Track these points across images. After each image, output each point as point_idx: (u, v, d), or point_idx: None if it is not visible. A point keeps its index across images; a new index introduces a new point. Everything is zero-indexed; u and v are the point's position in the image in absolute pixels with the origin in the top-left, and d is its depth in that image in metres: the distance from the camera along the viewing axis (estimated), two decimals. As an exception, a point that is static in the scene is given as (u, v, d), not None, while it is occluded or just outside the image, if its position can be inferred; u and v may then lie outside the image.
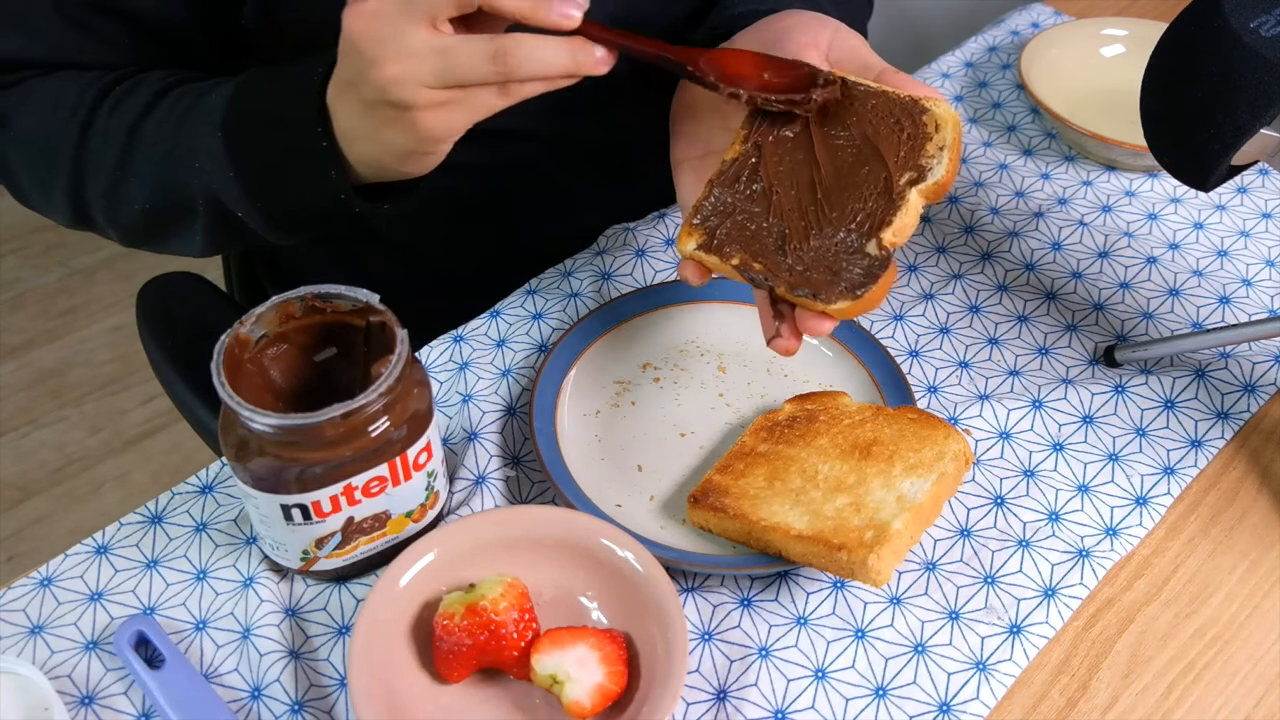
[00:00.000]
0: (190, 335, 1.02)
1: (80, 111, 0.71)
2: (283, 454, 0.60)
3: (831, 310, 0.60)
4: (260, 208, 0.67)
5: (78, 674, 0.64)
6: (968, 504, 0.73)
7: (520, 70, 0.56)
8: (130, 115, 0.70)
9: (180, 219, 0.71)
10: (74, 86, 0.72)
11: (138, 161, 0.70)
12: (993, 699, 0.64)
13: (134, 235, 0.75)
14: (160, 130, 0.69)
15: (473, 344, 0.81)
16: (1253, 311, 0.85)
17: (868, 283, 0.60)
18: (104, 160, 0.71)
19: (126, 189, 0.71)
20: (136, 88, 0.71)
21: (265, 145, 0.66)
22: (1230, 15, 0.62)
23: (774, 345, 0.64)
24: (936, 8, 1.61)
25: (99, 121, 0.71)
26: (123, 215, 0.73)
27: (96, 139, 0.71)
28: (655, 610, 0.62)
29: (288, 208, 0.68)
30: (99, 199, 0.72)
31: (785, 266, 0.61)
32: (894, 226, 0.60)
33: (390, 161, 0.63)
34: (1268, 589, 0.70)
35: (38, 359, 1.96)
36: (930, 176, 0.61)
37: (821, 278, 0.60)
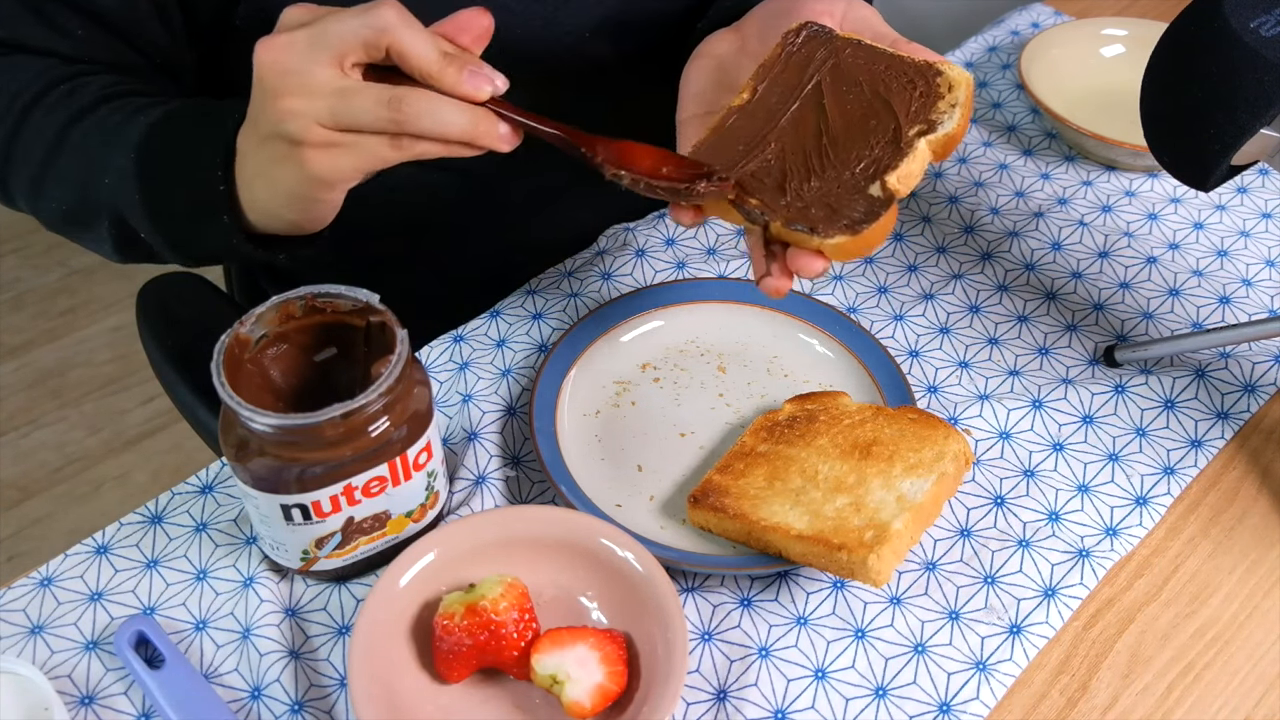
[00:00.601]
0: (190, 335, 1.02)
1: (19, 102, 0.71)
2: (283, 454, 0.60)
3: (826, 246, 0.59)
4: (162, 235, 0.68)
5: (78, 674, 0.64)
6: (968, 504, 0.73)
7: (414, 123, 0.56)
8: (64, 117, 0.71)
9: (92, 227, 0.72)
10: (24, 74, 0.72)
11: (60, 164, 0.71)
12: (993, 699, 0.64)
13: (54, 226, 0.76)
14: (87, 139, 0.70)
15: (473, 344, 0.81)
16: (1253, 311, 0.85)
17: (867, 220, 0.58)
18: (32, 155, 0.71)
19: (48, 187, 0.72)
20: (78, 91, 0.72)
21: (168, 178, 0.66)
22: (1230, 15, 0.62)
23: (764, 284, 0.63)
24: (936, 8, 1.61)
25: (34, 117, 0.71)
26: (42, 209, 0.74)
27: (29, 132, 0.71)
28: (655, 610, 0.62)
29: (186, 240, 0.69)
30: (23, 188, 0.74)
31: (783, 204, 0.60)
32: (899, 171, 0.59)
33: (281, 207, 0.63)
34: (1268, 589, 0.70)
35: (38, 359, 1.97)
36: (940, 129, 0.60)
37: (820, 214, 0.59)
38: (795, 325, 0.81)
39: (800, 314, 0.81)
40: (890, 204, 0.59)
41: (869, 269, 0.87)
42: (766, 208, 0.60)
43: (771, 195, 0.61)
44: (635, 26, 0.86)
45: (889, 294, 0.86)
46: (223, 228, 0.65)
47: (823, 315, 0.81)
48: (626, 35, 0.86)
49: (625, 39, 0.86)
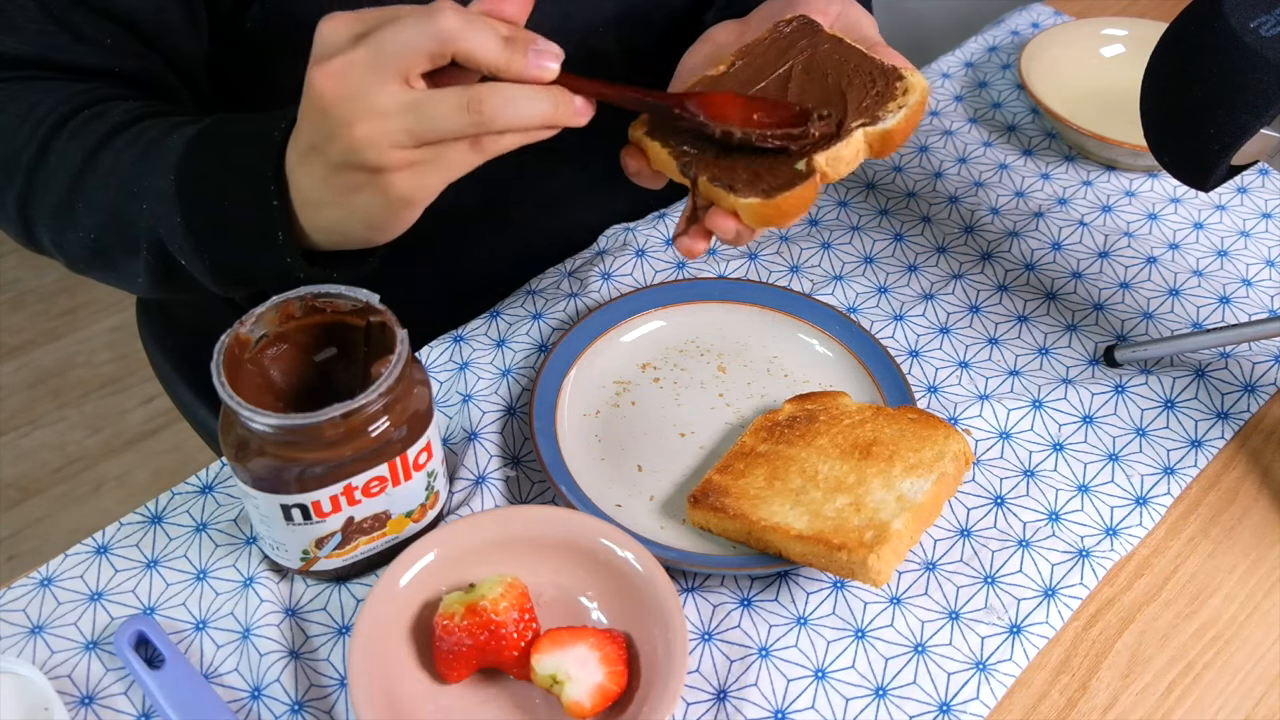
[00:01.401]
0: (190, 335, 1.02)
1: (44, 127, 0.68)
2: (283, 454, 0.60)
3: (740, 206, 0.60)
4: (204, 260, 0.64)
5: (78, 674, 0.64)
6: (968, 504, 0.73)
7: (496, 120, 0.55)
8: (90, 141, 0.67)
9: (123, 256, 0.68)
10: (49, 99, 0.69)
11: (89, 189, 0.67)
12: (993, 699, 0.64)
13: (78, 264, 0.72)
14: (118, 162, 0.66)
15: (473, 344, 0.81)
16: (1253, 311, 0.85)
17: (783, 189, 0.60)
18: (56, 182, 0.68)
19: (74, 215, 0.68)
20: (104, 114, 0.69)
21: (215, 199, 0.63)
22: (1230, 15, 0.62)
23: (678, 243, 0.64)
24: (936, 8, 1.61)
25: (58, 142, 0.68)
26: (68, 241, 0.70)
27: (53, 158, 0.68)
28: (655, 610, 0.62)
29: (231, 264, 0.65)
30: (46, 220, 0.70)
31: (715, 164, 0.62)
32: (829, 153, 0.61)
33: (357, 229, 0.61)
34: (1268, 589, 0.70)
35: (38, 359, 1.97)
36: (880, 124, 0.62)
37: (743, 176, 0.61)
38: (795, 325, 0.81)
39: (800, 314, 0.81)
40: (809, 179, 0.60)
41: (869, 269, 0.87)
42: (699, 163, 0.62)
43: (708, 154, 0.63)
44: (645, 22, 0.86)
45: (889, 294, 0.86)
46: (277, 248, 0.62)
47: (823, 315, 0.81)
48: (636, 30, 0.86)
49: (634, 34, 0.86)
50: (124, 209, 0.66)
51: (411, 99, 0.54)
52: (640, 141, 0.65)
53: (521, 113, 0.55)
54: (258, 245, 0.62)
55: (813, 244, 0.89)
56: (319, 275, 0.64)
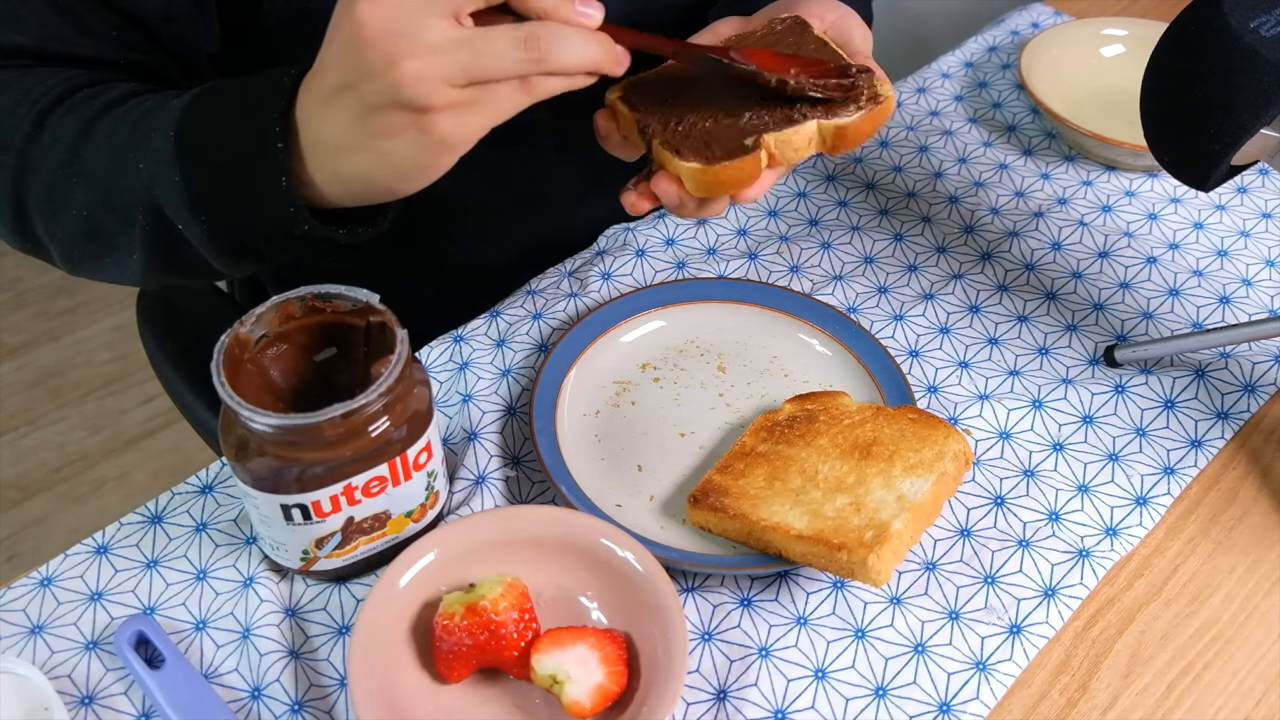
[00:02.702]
0: (190, 335, 1.02)
1: (39, 106, 0.67)
2: (283, 454, 0.60)
3: (682, 170, 0.62)
4: (203, 221, 0.62)
5: (78, 674, 0.64)
6: (968, 504, 0.73)
7: (550, 59, 0.54)
8: (87, 114, 0.66)
9: (119, 232, 0.66)
10: (46, 83, 0.68)
11: (85, 161, 0.65)
12: (993, 699, 0.64)
13: (72, 251, 0.69)
14: (115, 130, 0.65)
15: (473, 344, 0.81)
16: (1253, 311, 0.85)
17: (725, 159, 0.62)
18: (50, 158, 0.66)
19: (68, 191, 0.66)
20: (102, 91, 0.68)
21: (216, 150, 0.60)
22: (1230, 15, 0.62)
23: (623, 198, 0.66)
24: (936, 8, 1.61)
25: (54, 119, 0.67)
26: (61, 225, 0.68)
27: (47, 136, 0.67)
28: (655, 610, 0.62)
29: (232, 222, 0.62)
30: (40, 203, 0.68)
31: (671, 130, 0.64)
32: (779, 135, 0.62)
33: (386, 176, 0.58)
34: (1268, 589, 0.70)
35: (38, 359, 1.97)
36: (836, 119, 0.63)
37: (693, 145, 0.63)
38: (795, 325, 0.81)
39: (800, 314, 0.81)
40: (752, 154, 0.62)
41: (869, 269, 0.87)
42: (655, 128, 0.64)
43: (668, 120, 0.64)
44: (653, 21, 0.86)
45: (889, 294, 0.86)
46: (279, 195, 0.59)
47: (823, 315, 0.81)
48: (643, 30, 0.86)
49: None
50: (120, 177, 0.64)
51: (465, 35, 0.53)
52: (614, 105, 0.66)
53: (575, 53, 0.55)
54: (259, 196, 0.60)
55: (813, 244, 0.89)
56: (323, 232, 0.62)
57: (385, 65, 0.53)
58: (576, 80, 0.57)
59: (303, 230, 0.61)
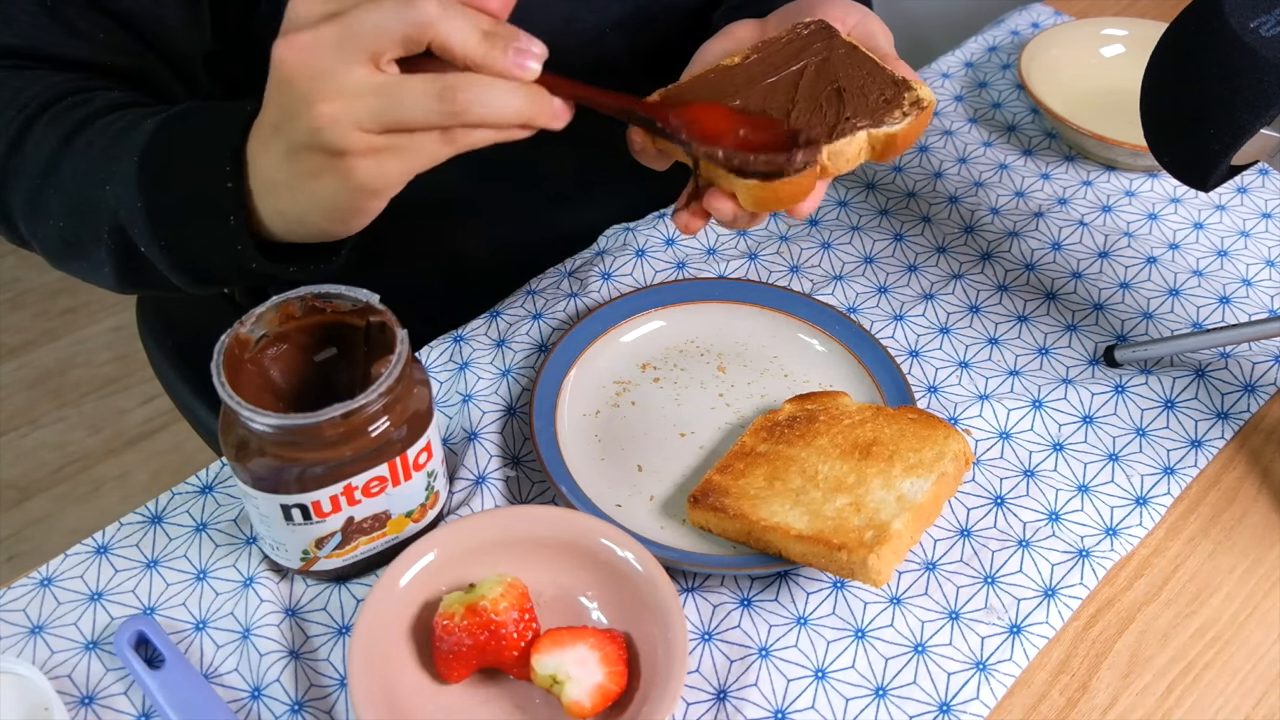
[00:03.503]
0: (190, 335, 1.02)
1: (25, 112, 0.67)
2: (283, 454, 0.60)
3: (738, 187, 0.60)
4: (160, 245, 0.62)
5: (78, 674, 0.64)
6: (968, 504, 0.73)
7: (469, 113, 0.52)
8: (67, 126, 0.66)
9: (89, 245, 0.66)
10: (35, 86, 0.68)
11: (62, 174, 0.65)
12: (993, 699, 0.64)
13: (50, 254, 0.70)
14: (90, 146, 0.64)
15: (473, 344, 0.81)
16: (1253, 311, 0.85)
17: (777, 175, 0.60)
18: (30, 168, 0.66)
19: (46, 201, 0.66)
20: (86, 101, 0.67)
21: (174, 179, 0.60)
22: (1230, 15, 0.62)
23: (675, 218, 0.64)
24: (936, 8, 1.61)
25: (37, 127, 0.67)
26: (40, 230, 0.68)
27: (30, 143, 0.67)
28: (655, 610, 0.62)
29: (186, 250, 0.62)
30: (22, 207, 0.68)
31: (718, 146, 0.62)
32: (831, 147, 0.61)
33: (315, 218, 0.58)
34: (1268, 589, 0.70)
35: (38, 359, 1.97)
36: (884, 128, 0.62)
37: (742, 159, 0.61)
38: (795, 325, 0.81)
39: (800, 314, 0.81)
40: (805, 169, 0.60)
41: (869, 269, 0.87)
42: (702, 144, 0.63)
43: None
44: (652, 23, 0.86)
45: (889, 294, 0.86)
46: (229, 232, 0.59)
47: (823, 315, 0.81)
48: (643, 32, 0.86)
49: (641, 35, 0.86)
50: (90, 195, 0.64)
51: (381, 82, 0.52)
52: None
53: (496, 108, 0.52)
54: (211, 230, 0.60)
55: (813, 244, 0.89)
56: (272, 269, 0.61)
57: (303, 106, 0.52)
58: (507, 133, 0.54)
59: (249, 267, 0.61)
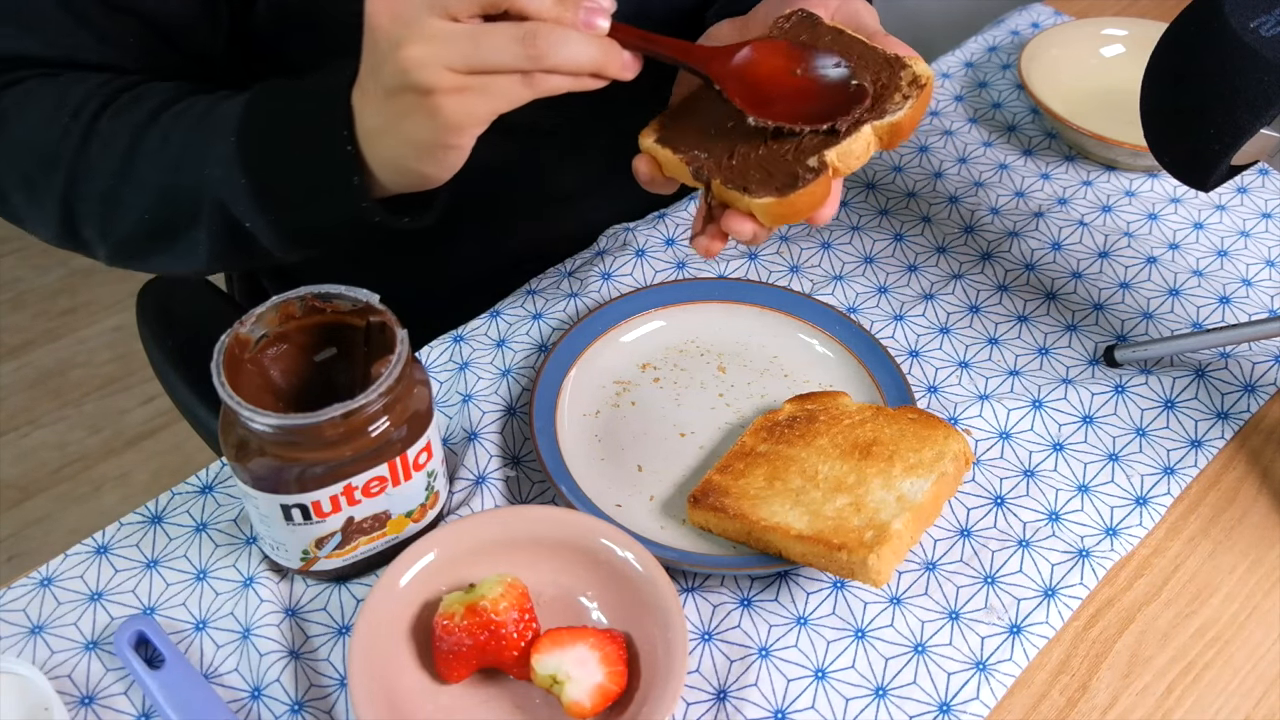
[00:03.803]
0: (190, 335, 1.02)
1: (83, 115, 0.69)
2: (283, 454, 0.60)
3: (755, 206, 0.61)
4: (271, 218, 0.65)
5: (78, 674, 0.64)
6: (968, 504, 0.73)
7: (547, 58, 0.56)
8: (137, 119, 0.68)
9: (182, 230, 0.69)
10: (79, 89, 0.70)
11: (140, 168, 0.68)
12: (993, 699, 0.64)
13: (126, 249, 0.72)
14: (168, 137, 0.67)
15: (473, 344, 0.81)
16: (1253, 311, 0.85)
17: (795, 186, 0.60)
18: (104, 166, 0.69)
19: (125, 196, 0.69)
20: (144, 95, 0.69)
21: (282, 151, 0.64)
22: (1230, 15, 0.62)
23: (695, 243, 0.65)
24: (936, 8, 1.61)
25: (102, 126, 0.69)
26: (118, 226, 0.70)
27: (96, 144, 0.69)
28: (655, 610, 0.62)
29: (301, 218, 0.65)
30: (94, 207, 0.70)
31: (727, 166, 0.63)
32: (839, 148, 0.61)
33: (411, 160, 0.61)
34: (1268, 589, 0.70)
35: (38, 359, 1.97)
36: (888, 116, 0.62)
37: (756, 176, 0.62)
38: (795, 325, 0.81)
39: (800, 314, 0.81)
40: (821, 174, 0.61)
41: (869, 269, 0.87)
42: (710, 167, 0.63)
43: (719, 157, 0.63)
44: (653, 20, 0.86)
45: (889, 294, 0.86)
46: (350, 192, 0.62)
47: (823, 315, 0.81)
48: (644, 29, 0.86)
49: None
50: (181, 183, 0.67)
51: (465, 28, 0.55)
52: (651, 150, 0.65)
53: (572, 55, 0.56)
54: (328, 193, 0.63)
55: (813, 244, 0.89)
56: (392, 222, 0.65)
57: (392, 49, 0.56)
58: (581, 81, 0.58)
59: (372, 221, 0.64)
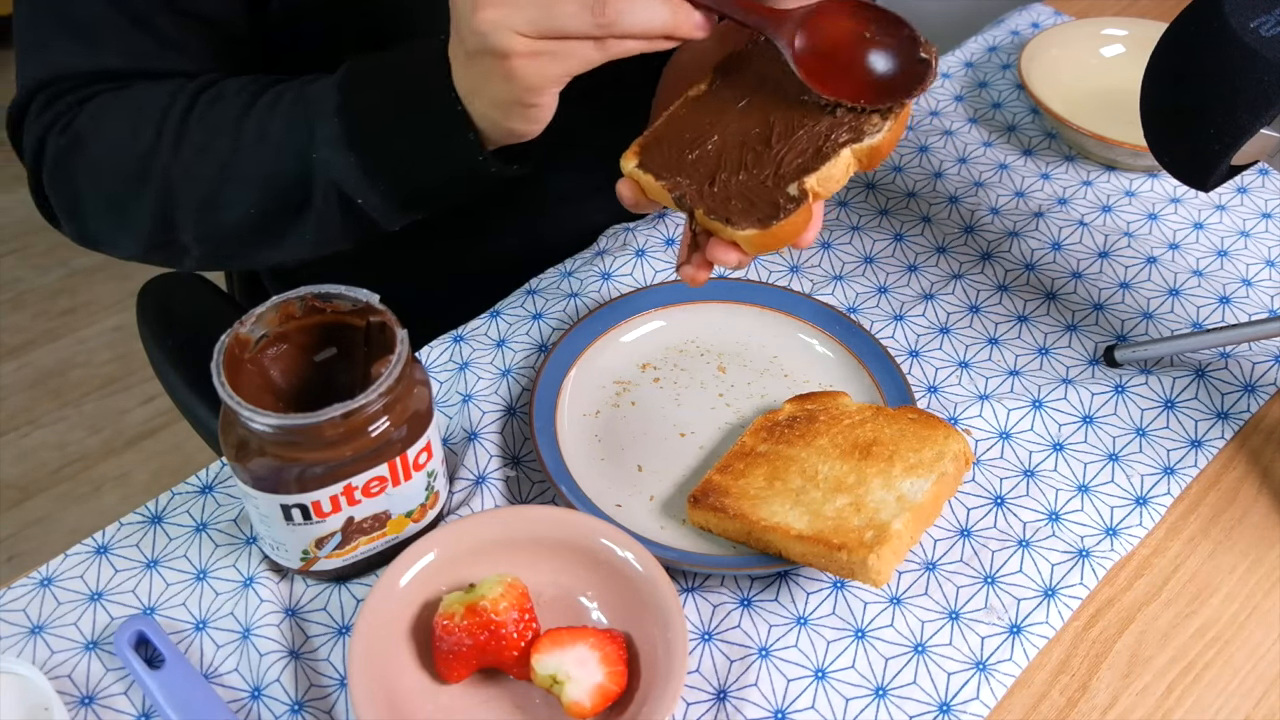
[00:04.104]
0: (190, 335, 1.02)
1: (169, 125, 0.70)
2: (283, 454, 0.60)
3: (739, 237, 0.61)
4: (384, 189, 0.67)
5: (78, 674, 0.64)
6: (968, 504, 0.73)
7: (618, 24, 0.56)
8: (227, 117, 0.69)
9: (291, 219, 0.71)
10: (155, 100, 0.71)
11: (241, 165, 0.69)
12: (993, 699, 0.64)
13: (226, 247, 0.74)
14: (265, 129, 0.69)
15: (473, 344, 0.81)
16: (1253, 311, 0.85)
17: (777, 216, 0.60)
18: (202, 171, 0.70)
19: (228, 196, 0.70)
20: (225, 94, 0.71)
21: (392, 119, 0.65)
22: (1230, 15, 0.62)
23: (681, 272, 0.65)
24: (936, 8, 1.61)
25: (191, 132, 0.70)
26: (221, 227, 0.72)
27: (188, 150, 0.70)
28: (655, 610, 0.62)
29: (418, 182, 0.67)
30: (194, 213, 0.71)
31: (708, 193, 0.63)
32: (819, 174, 0.61)
33: (498, 116, 0.62)
34: (1268, 589, 0.70)
35: (38, 359, 1.97)
36: (866, 139, 0.62)
37: (738, 206, 0.62)
38: (795, 325, 0.81)
39: (800, 314, 0.81)
40: (803, 203, 0.61)
41: (869, 269, 0.87)
42: (692, 195, 0.62)
43: (700, 184, 0.63)
44: None
45: (889, 294, 0.86)
46: (466, 147, 0.64)
47: (823, 315, 0.81)
48: None
49: None
50: (285, 173, 0.68)
51: None
52: (633, 175, 0.64)
53: (642, 19, 0.57)
54: (443, 153, 0.65)
55: (813, 244, 0.89)
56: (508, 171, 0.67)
57: (470, 12, 0.58)
58: (654, 44, 0.58)
59: (489, 173, 0.66)
